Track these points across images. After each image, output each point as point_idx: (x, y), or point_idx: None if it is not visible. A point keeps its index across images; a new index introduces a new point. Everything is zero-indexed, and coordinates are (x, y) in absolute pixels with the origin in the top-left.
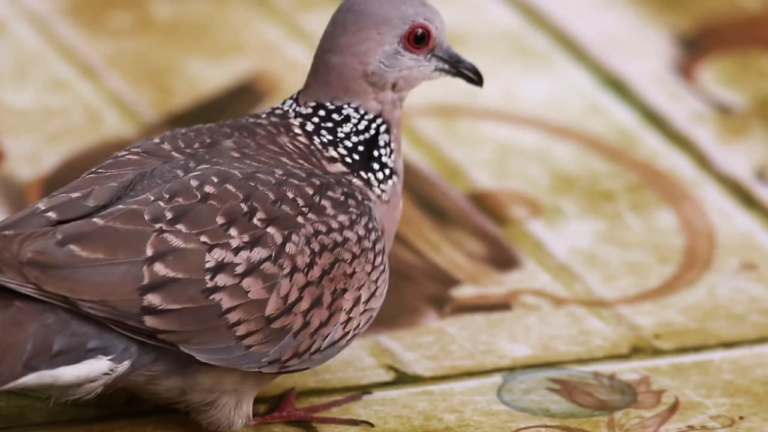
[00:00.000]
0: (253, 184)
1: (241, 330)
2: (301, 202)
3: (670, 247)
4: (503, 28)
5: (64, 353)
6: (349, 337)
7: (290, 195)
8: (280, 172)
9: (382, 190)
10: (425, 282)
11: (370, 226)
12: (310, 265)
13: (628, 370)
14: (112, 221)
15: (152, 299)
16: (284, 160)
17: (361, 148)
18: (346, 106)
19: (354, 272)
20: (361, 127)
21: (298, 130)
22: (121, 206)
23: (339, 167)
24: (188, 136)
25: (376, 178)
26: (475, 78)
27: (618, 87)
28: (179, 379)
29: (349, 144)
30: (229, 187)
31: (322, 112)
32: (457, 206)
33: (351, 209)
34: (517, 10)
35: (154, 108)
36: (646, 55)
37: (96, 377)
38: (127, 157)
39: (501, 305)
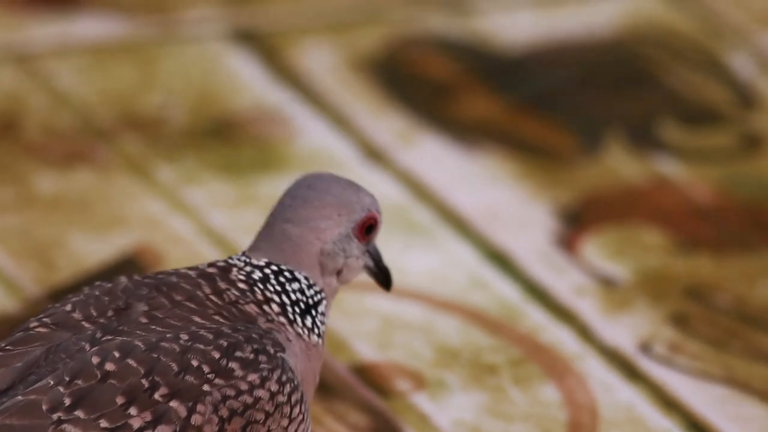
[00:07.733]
0: (156, 355)
1: None
2: (206, 369)
3: (554, 420)
4: (388, 201)
5: None
6: None
7: (195, 363)
8: (186, 337)
9: (306, 330)
10: None
11: (284, 378)
12: None
13: None
14: (9, 418)
15: None
16: (196, 318)
17: (302, 306)
18: (297, 272)
19: (269, 430)
20: (308, 292)
21: (241, 276)
22: (20, 397)
23: (270, 308)
24: (101, 302)
25: (305, 325)
26: (389, 281)
27: (501, 261)
28: None
29: (293, 297)
30: (131, 362)
31: (273, 268)
32: (340, 378)
33: (262, 365)
34: (402, 184)
35: (37, 283)
36: (530, 228)
37: None
38: (37, 329)
39: None
